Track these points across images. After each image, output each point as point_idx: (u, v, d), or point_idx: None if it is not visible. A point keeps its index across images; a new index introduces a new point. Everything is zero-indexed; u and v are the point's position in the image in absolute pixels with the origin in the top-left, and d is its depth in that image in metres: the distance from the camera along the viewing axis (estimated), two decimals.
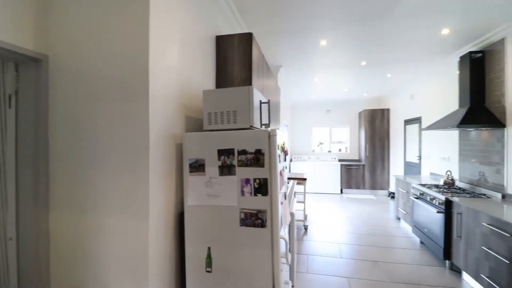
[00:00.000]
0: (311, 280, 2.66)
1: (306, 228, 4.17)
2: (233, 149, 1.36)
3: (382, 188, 6.79)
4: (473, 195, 2.95)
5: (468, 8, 2.35)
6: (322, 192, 7.07)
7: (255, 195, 1.33)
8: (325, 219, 4.74)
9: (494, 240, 2.15)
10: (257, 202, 1.33)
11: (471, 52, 3.15)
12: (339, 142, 7.95)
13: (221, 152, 1.38)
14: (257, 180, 1.33)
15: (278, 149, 1.41)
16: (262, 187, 1.32)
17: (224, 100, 1.46)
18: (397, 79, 5.02)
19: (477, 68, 3.14)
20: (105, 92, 1.33)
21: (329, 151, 7.82)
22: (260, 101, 1.68)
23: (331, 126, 7.90)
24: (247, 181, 1.34)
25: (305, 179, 4.24)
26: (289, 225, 2.24)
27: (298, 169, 7.24)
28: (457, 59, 3.53)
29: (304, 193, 4.30)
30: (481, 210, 2.32)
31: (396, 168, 6.40)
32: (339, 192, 7.01)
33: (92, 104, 1.34)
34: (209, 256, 1.43)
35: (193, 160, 1.43)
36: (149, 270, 1.29)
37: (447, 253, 2.86)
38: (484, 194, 2.95)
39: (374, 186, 6.83)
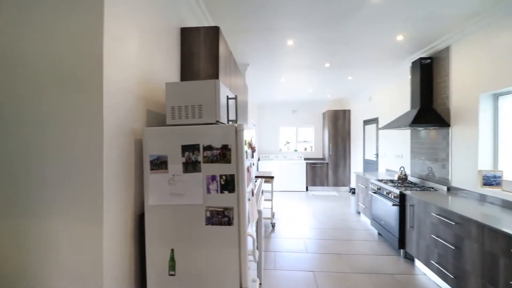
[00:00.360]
0: (278, 276, 2.68)
1: (273, 225, 4.21)
2: (198, 144, 1.30)
3: (344, 185, 7.17)
4: (423, 188, 3.23)
5: (419, 17, 2.56)
6: (288, 190, 7.23)
7: (221, 192, 1.29)
8: (292, 216, 4.85)
9: (442, 228, 2.37)
10: (224, 200, 1.29)
11: (421, 58, 3.46)
12: (304, 141, 8.21)
13: (185, 148, 1.30)
14: (224, 177, 1.28)
15: (245, 145, 1.38)
16: (229, 184, 1.28)
17: (188, 94, 1.39)
18: (357, 82, 5.32)
19: (426, 73, 3.46)
20: (52, 82, 1.17)
21: (295, 150, 8.03)
22: (227, 96, 1.64)
23: (297, 126, 8.12)
24: (213, 178, 1.29)
25: (272, 177, 4.29)
26: (257, 223, 2.23)
27: (265, 168, 7.31)
28: (410, 64, 3.84)
29: (272, 191, 4.34)
30: (430, 201, 2.55)
31: (356, 165, 6.80)
32: (305, 190, 7.24)
33: (37, 94, 1.18)
34: (172, 259, 1.35)
35: (155, 156, 1.33)
36: (103, 278, 1.17)
37: (402, 242, 3.09)
38: (432, 187, 3.25)
39: (336, 183, 7.18)
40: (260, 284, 2.45)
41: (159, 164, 1.32)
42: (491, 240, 1.81)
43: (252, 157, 1.73)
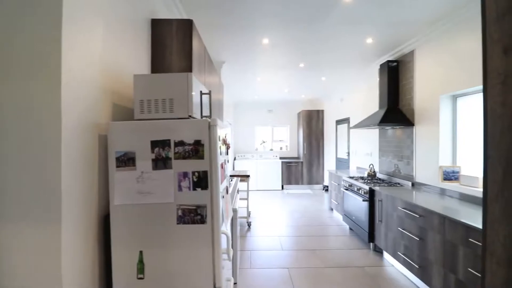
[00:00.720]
0: (254, 274, 2.66)
1: (249, 224, 4.20)
2: (169, 140, 1.23)
3: (317, 183, 7.36)
4: (390, 184, 3.41)
5: (387, 21, 2.69)
6: (264, 189, 7.27)
7: (194, 189, 1.23)
8: (268, 214, 4.87)
9: (407, 221, 2.51)
10: (197, 197, 1.24)
11: (388, 61, 3.64)
12: (280, 140, 8.31)
13: (155, 144, 1.23)
14: (196, 173, 1.23)
15: (219, 141, 1.34)
16: (202, 181, 1.23)
17: (159, 87, 1.32)
18: (330, 82, 5.48)
19: (393, 75, 3.65)
20: (3, 72, 1.05)
21: (271, 150, 8.10)
22: (201, 91, 1.59)
23: (273, 126, 8.19)
24: (185, 174, 1.23)
25: (248, 176, 4.26)
26: (232, 221, 2.19)
27: (241, 167, 7.28)
28: (378, 66, 4.03)
29: (248, 190, 4.32)
30: (397, 196, 2.69)
31: (329, 163, 7.01)
32: (280, 188, 7.32)
33: None
34: (141, 261, 1.27)
35: (121, 153, 1.24)
36: (63, 286, 1.07)
37: (371, 236, 3.23)
38: (399, 183, 3.44)
39: (311, 181, 7.35)
40: (235, 283, 2.42)
41: (126, 160, 1.24)
42: (451, 230, 1.94)
43: (227, 154, 1.70)
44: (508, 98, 0.65)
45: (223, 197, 1.37)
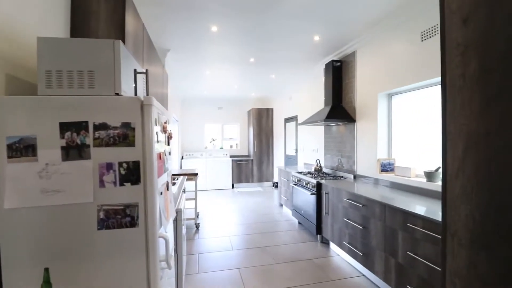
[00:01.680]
0: (203, 279, 2.45)
1: (197, 226, 3.93)
2: (86, 122, 0.96)
3: (267, 180, 7.43)
4: (335, 177, 3.56)
5: (332, 19, 2.77)
6: (214, 189, 7.02)
7: (121, 184, 0.99)
8: (217, 214, 4.66)
9: (351, 211, 2.61)
10: (125, 194, 0.99)
11: (333, 61, 3.81)
12: (230, 138, 8.14)
13: (65, 126, 0.95)
14: (125, 165, 0.99)
15: (157, 125, 1.11)
16: (132, 174, 1.00)
17: (74, 55, 1.03)
18: (279, 81, 5.55)
19: (337, 75, 3.83)
20: None
21: (221, 148, 7.88)
22: (135, 69, 1.33)
23: (223, 123, 7.99)
24: (109, 166, 0.98)
25: (196, 175, 3.99)
26: (176, 222, 1.95)
27: (190, 166, 6.90)
28: (323, 66, 4.20)
29: (196, 190, 4.05)
30: (342, 188, 2.79)
31: (278, 160, 7.14)
32: (231, 187, 7.16)
33: None
34: (47, 282, 0.96)
35: (16, 138, 0.92)
36: None
37: (319, 228, 3.32)
38: (342, 176, 3.62)
39: (261, 179, 7.38)
40: None
41: (23, 149, 0.92)
42: (391, 217, 2.06)
43: (168, 144, 1.47)
44: (468, 69, 0.62)
45: (161, 193, 1.15)
